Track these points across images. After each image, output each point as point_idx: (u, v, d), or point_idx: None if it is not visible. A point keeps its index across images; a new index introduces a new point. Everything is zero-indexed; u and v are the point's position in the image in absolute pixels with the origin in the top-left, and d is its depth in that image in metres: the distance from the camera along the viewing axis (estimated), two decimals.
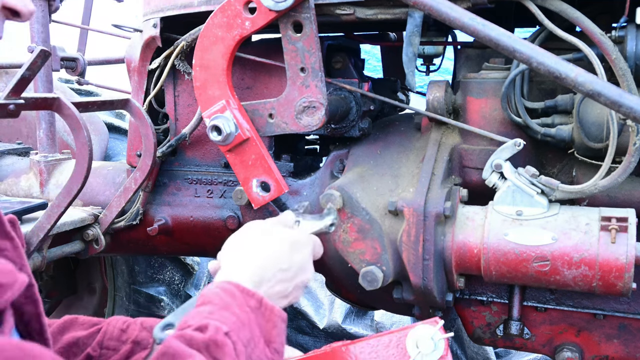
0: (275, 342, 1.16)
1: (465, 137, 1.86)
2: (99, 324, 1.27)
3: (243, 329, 1.09)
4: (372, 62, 4.17)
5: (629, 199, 1.74)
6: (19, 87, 1.65)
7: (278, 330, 1.17)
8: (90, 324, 1.27)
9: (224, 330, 1.04)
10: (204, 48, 1.81)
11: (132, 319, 1.28)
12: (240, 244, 1.32)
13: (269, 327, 1.15)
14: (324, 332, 3.73)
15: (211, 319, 1.06)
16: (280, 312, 1.19)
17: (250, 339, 1.09)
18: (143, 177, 2.13)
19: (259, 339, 1.12)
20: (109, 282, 3.33)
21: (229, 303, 1.11)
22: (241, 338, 1.07)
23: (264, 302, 1.16)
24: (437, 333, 1.49)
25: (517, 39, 1.42)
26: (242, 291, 1.15)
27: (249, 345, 1.08)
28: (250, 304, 1.14)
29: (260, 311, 1.15)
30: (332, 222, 1.61)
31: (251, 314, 1.13)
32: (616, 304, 1.79)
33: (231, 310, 1.10)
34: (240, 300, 1.13)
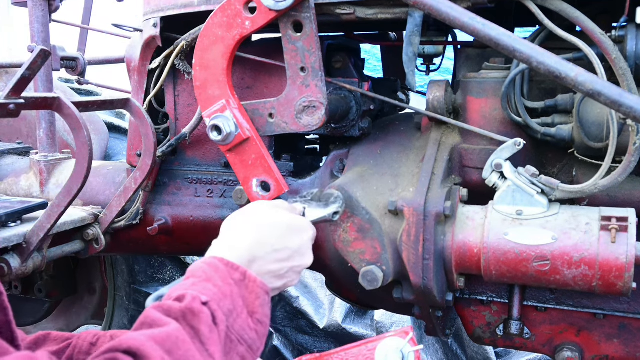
0: (258, 312, 1.18)
1: (466, 137, 1.86)
2: (70, 338, 1.27)
3: (224, 299, 1.11)
4: (372, 61, 4.17)
5: (629, 198, 1.74)
6: (19, 87, 1.65)
7: (261, 301, 1.19)
8: (63, 339, 1.28)
9: (202, 299, 1.07)
10: (204, 48, 1.81)
11: (103, 332, 1.29)
12: (239, 221, 1.35)
13: (252, 299, 1.18)
14: (324, 332, 3.73)
15: (190, 290, 1.09)
16: (264, 285, 1.21)
17: (233, 309, 1.12)
18: (143, 177, 2.13)
19: (242, 309, 1.15)
20: (109, 282, 3.33)
21: (212, 276, 1.14)
22: (222, 307, 1.09)
23: (247, 274, 1.19)
24: (407, 345, 1.49)
25: (517, 38, 1.42)
26: (226, 265, 1.18)
27: (230, 316, 1.11)
28: (233, 277, 1.17)
29: (244, 283, 1.18)
30: (337, 210, 1.61)
31: (234, 287, 1.15)
32: (616, 303, 1.78)
33: (213, 283, 1.13)
34: (223, 273, 1.16)
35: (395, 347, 1.52)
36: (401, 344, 1.51)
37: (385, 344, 1.54)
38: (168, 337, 0.98)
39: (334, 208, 1.61)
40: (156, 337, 0.98)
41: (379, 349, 1.55)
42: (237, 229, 1.33)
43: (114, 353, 0.95)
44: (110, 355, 0.94)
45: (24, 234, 1.99)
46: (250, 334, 1.14)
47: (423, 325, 2.03)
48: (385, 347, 1.54)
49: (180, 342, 0.99)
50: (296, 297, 3.72)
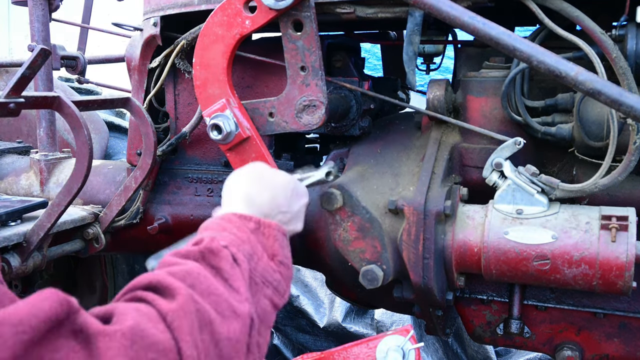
0: (278, 254, 1.16)
1: (466, 136, 1.86)
2: None
3: (243, 244, 1.08)
4: (373, 60, 4.17)
5: (629, 197, 1.74)
6: (19, 86, 1.65)
7: (280, 242, 1.17)
8: None
9: (221, 243, 1.04)
10: (204, 47, 1.81)
11: None
12: (248, 180, 1.33)
13: (270, 242, 1.16)
14: (324, 331, 3.73)
15: (208, 235, 1.06)
16: (279, 226, 1.19)
17: (253, 253, 1.09)
18: (143, 176, 2.13)
19: (262, 253, 1.12)
20: (109, 281, 3.33)
21: (226, 226, 1.12)
22: (242, 251, 1.06)
23: (262, 221, 1.17)
24: (408, 343, 1.49)
25: (518, 37, 1.42)
26: (239, 217, 1.16)
27: (252, 259, 1.08)
28: (248, 226, 1.15)
29: (260, 230, 1.16)
30: (329, 170, 1.58)
31: (251, 235, 1.13)
32: (616, 302, 1.78)
33: (229, 231, 1.10)
34: (237, 223, 1.14)
35: (395, 345, 1.52)
36: (402, 342, 1.51)
37: (386, 342, 1.54)
38: (188, 272, 0.95)
39: (326, 169, 1.57)
40: (176, 272, 0.94)
41: (380, 347, 1.55)
42: (247, 187, 1.30)
43: (134, 292, 0.90)
44: (130, 295, 0.90)
45: (24, 233, 1.99)
46: (274, 276, 1.11)
47: (423, 325, 2.03)
48: (386, 345, 1.54)
49: (202, 277, 0.95)
50: (296, 296, 3.73)
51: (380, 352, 1.54)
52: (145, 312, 0.83)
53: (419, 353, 1.49)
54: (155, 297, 0.87)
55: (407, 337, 1.49)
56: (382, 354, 1.53)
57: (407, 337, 1.49)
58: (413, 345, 1.49)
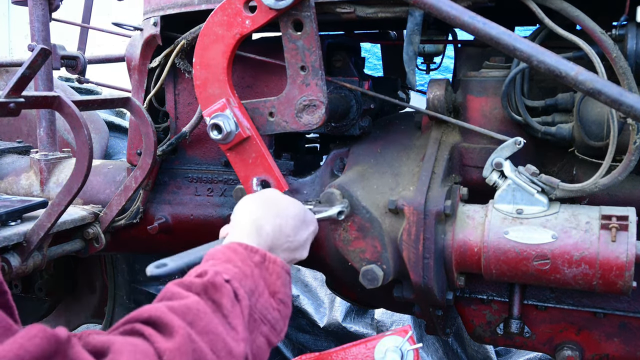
0: (280, 292, 1.16)
1: (466, 136, 1.86)
2: None
3: (245, 279, 1.09)
4: (373, 60, 4.17)
5: (630, 197, 1.74)
6: (19, 86, 1.65)
7: (282, 280, 1.18)
8: None
9: (224, 277, 1.04)
10: (204, 46, 1.81)
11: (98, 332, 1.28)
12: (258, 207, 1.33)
13: (272, 279, 1.16)
14: (324, 331, 3.73)
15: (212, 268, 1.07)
16: (284, 264, 1.20)
17: (254, 289, 1.10)
18: (143, 176, 2.13)
19: (264, 289, 1.12)
20: (109, 281, 3.33)
21: (231, 257, 1.12)
22: (243, 286, 1.07)
23: (267, 256, 1.18)
24: (406, 344, 1.49)
25: (518, 37, 1.42)
26: (245, 248, 1.16)
27: (252, 295, 1.09)
28: (253, 259, 1.15)
29: (264, 265, 1.16)
30: (342, 209, 1.63)
31: (255, 268, 1.13)
32: (616, 302, 1.78)
33: (233, 263, 1.11)
34: (243, 255, 1.14)
35: (394, 345, 1.52)
36: (400, 343, 1.51)
37: (385, 342, 1.54)
38: (189, 308, 0.95)
39: (338, 207, 1.63)
40: (176, 308, 0.94)
41: (378, 347, 1.55)
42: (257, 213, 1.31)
43: (133, 324, 0.91)
44: (129, 326, 0.91)
45: (24, 233, 1.99)
46: (273, 314, 1.12)
47: (423, 324, 2.03)
48: (385, 346, 1.54)
49: (201, 314, 0.96)
50: (296, 296, 3.73)
51: (379, 353, 1.54)
52: (142, 350, 0.83)
53: (417, 354, 1.49)
54: (153, 333, 0.88)
55: (406, 338, 1.49)
56: (380, 355, 1.53)
57: (405, 338, 1.49)
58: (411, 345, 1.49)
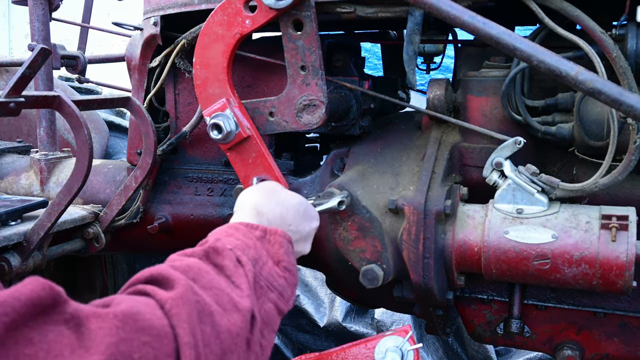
0: (284, 260, 1.16)
1: (466, 136, 1.86)
2: None
3: (248, 249, 1.09)
4: (373, 60, 4.17)
5: (630, 197, 1.74)
6: (19, 85, 1.65)
7: (285, 249, 1.17)
8: None
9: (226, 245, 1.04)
10: (205, 46, 1.81)
11: None
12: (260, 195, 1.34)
13: (275, 249, 1.16)
14: (324, 331, 3.73)
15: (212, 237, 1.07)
16: (285, 234, 1.20)
17: (258, 258, 1.10)
18: (143, 176, 2.13)
19: (267, 259, 1.12)
20: (109, 281, 3.33)
21: (232, 233, 1.12)
22: (247, 255, 1.06)
23: (268, 229, 1.18)
24: (406, 344, 1.49)
25: (518, 37, 1.42)
26: (245, 225, 1.16)
27: (256, 264, 1.08)
28: (254, 234, 1.15)
29: (266, 238, 1.16)
30: (342, 200, 1.63)
31: (257, 242, 1.13)
32: (616, 302, 1.78)
33: (235, 237, 1.10)
34: (244, 230, 1.14)
35: (394, 345, 1.52)
36: (400, 343, 1.51)
37: (385, 342, 1.54)
38: (190, 266, 0.95)
39: (338, 198, 1.63)
40: (178, 266, 0.94)
41: (378, 347, 1.55)
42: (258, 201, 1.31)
43: (135, 286, 0.90)
44: (132, 289, 0.89)
45: (24, 233, 1.99)
46: (279, 281, 1.11)
47: (423, 324, 2.03)
48: (385, 346, 1.54)
49: (203, 272, 0.95)
50: (296, 296, 3.73)
51: (379, 353, 1.54)
52: (144, 301, 0.83)
53: (417, 354, 1.49)
54: (155, 288, 0.87)
55: (406, 338, 1.49)
56: (380, 355, 1.53)
57: (405, 338, 1.49)
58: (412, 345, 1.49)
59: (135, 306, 0.79)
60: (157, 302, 0.84)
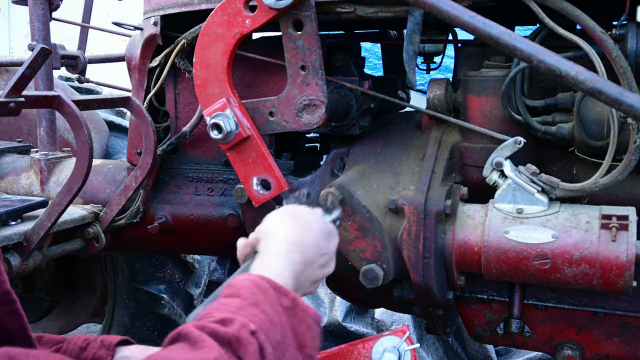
0: (308, 346, 1.07)
1: (466, 135, 1.86)
2: (62, 342, 1.22)
3: (273, 329, 1.00)
4: (373, 59, 4.17)
5: (630, 197, 1.74)
6: (19, 85, 1.65)
7: (312, 333, 1.09)
8: (54, 342, 1.22)
9: (250, 328, 0.95)
10: (205, 46, 1.81)
11: (94, 337, 1.23)
12: (287, 224, 1.26)
13: (302, 330, 1.07)
14: (324, 330, 3.72)
15: (238, 315, 0.97)
16: (315, 314, 1.11)
17: (281, 341, 1.01)
18: (143, 175, 2.13)
19: (291, 341, 1.04)
20: (109, 280, 3.33)
21: (260, 300, 1.02)
22: (270, 339, 0.98)
23: (297, 301, 1.08)
24: (404, 344, 1.49)
25: (518, 37, 1.42)
26: (275, 288, 1.06)
27: (278, 348, 0.99)
28: (283, 304, 1.06)
29: (294, 312, 1.07)
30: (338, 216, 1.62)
31: (283, 315, 1.04)
32: (616, 302, 1.78)
33: (261, 308, 1.01)
34: (272, 298, 1.04)
35: (391, 345, 1.52)
36: (398, 343, 1.51)
37: (382, 342, 1.54)
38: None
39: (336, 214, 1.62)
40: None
41: (376, 347, 1.55)
42: (290, 230, 1.24)
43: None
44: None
45: (24, 233, 1.99)
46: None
47: (423, 324, 2.03)
48: (382, 346, 1.54)
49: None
50: None
51: (376, 353, 1.54)
52: None
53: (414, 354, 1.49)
54: None
55: (403, 338, 1.49)
56: (377, 355, 1.53)
57: (403, 338, 1.49)
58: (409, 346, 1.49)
59: None
60: None
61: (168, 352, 0.89)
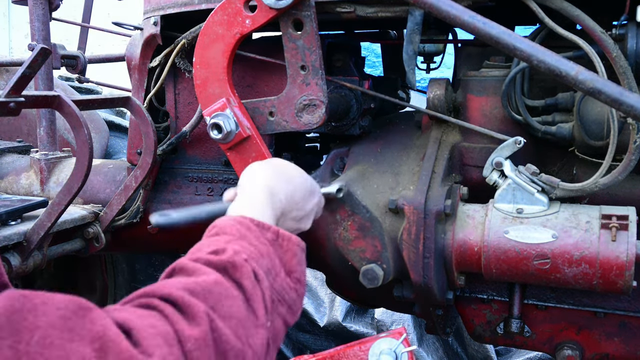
0: (296, 271, 1.12)
1: (466, 135, 1.86)
2: None
3: (262, 258, 1.05)
4: (372, 58, 4.17)
5: (630, 197, 1.74)
6: (19, 85, 1.65)
7: (298, 259, 1.14)
8: None
9: (243, 255, 1.00)
10: (205, 46, 1.81)
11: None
12: (267, 173, 1.30)
13: (288, 257, 1.12)
14: (324, 330, 3.73)
15: (229, 246, 1.02)
16: (299, 241, 1.16)
17: (271, 268, 1.06)
18: (143, 175, 2.13)
19: (280, 268, 1.09)
20: (109, 281, 3.33)
21: (245, 234, 1.08)
22: (261, 266, 1.03)
23: (280, 233, 1.14)
24: (400, 346, 1.49)
25: (518, 36, 1.42)
26: (257, 225, 1.12)
27: (269, 274, 1.05)
28: (267, 237, 1.11)
29: (278, 242, 1.12)
30: (340, 187, 1.62)
31: (269, 247, 1.09)
32: (617, 302, 1.78)
33: (248, 241, 1.06)
34: (256, 232, 1.10)
35: (388, 347, 1.52)
36: (394, 345, 1.51)
37: (379, 344, 1.54)
38: (210, 290, 0.90)
39: (337, 185, 1.63)
40: (197, 289, 0.89)
41: (372, 349, 1.55)
42: (270, 179, 1.28)
43: (150, 298, 0.86)
44: (145, 300, 0.86)
45: (24, 233, 1.99)
46: (290, 294, 1.08)
47: (423, 324, 2.03)
48: (379, 348, 1.54)
49: (223, 297, 0.91)
50: None
51: (373, 355, 1.54)
52: (162, 332, 0.80)
53: (411, 356, 1.49)
54: (174, 313, 0.84)
55: (400, 340, 1.49)
56: (374, 357, 1.53)
57: (400, 340, 1.49)
58: (406, 348, 1.49)
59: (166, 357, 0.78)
60: (177, 334, 0.81)
61: (167, 281, 0.92)
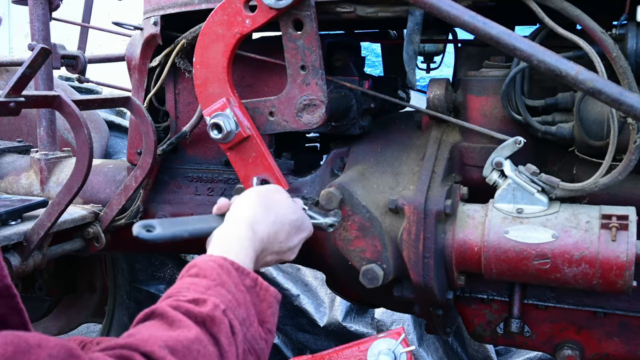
0: (269, 322, 1.17)
1: (466, 135, 1.86)
2: None
3: (239, 308, 1.09)
4: (371, 57, 4.18)
5: (630, 197, 1.74)
6: (19, 85, 1.65)
7: (272, 310, 1.19)
8: None
9: (221, 307, 1.04)
10: (205, 46, 1.81)
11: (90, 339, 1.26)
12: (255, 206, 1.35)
13: (263, 307, 1.17)
14: (324, 330, 3.73)
15: (208, 295, 1.06)
16: (275, 293, 1.21)
17: (246, 318, 1.10)
18: (143, 175, 2.13)
19: (254, 318, 1.13)
20: (109, 280, 3.33)
21: (225, 280, 1.11)
22: (237, 317, 1.07)
23: (258, 281, 1.18)
24: (399, 346, 1.49)
25: (518, 36, 1.42)
26: (237, 269, 1.16)
27: (244, 325, 1.09)
28: (245, 283, 1.15)
29: (255, 290, 1.17)
30: (333, 223, 1.64)
31: (247, 295, 1.14)
32: (617, 301, 1.78)
33: (227, 288, 1.10)
34: (235, 279, 1.14)
35: (387, 348, 1.52)
36: (393, 345, 1.51)
37: (377, 345, 1.54)
38: (189, 349, 0.94)
39: (330, 220, 1.65)
40: (177, 347, 0.93)
41: (371, 350, 1.55)
42: (254, 218, 1.32)
43: (132, 352, 0.89)
44: (127, 353, 0.89)
45: (24, 232, 1.99)
46: (260, 344, 1.13)
47: (423, 324, 2.03)
48: (377, 348, 1.54)
49: (201, 356, 0.95)
50: (296, 296, 3.73)
51: (371, 356, 1.54)
52: None
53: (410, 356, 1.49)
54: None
55: (399, 340, 1.49)
56: (373, 357, 1.53)
57: (398, 340, 1.49)
58: (404, 348, 1.49)
59: None
60: None
61: (147, 328, 0.96)
